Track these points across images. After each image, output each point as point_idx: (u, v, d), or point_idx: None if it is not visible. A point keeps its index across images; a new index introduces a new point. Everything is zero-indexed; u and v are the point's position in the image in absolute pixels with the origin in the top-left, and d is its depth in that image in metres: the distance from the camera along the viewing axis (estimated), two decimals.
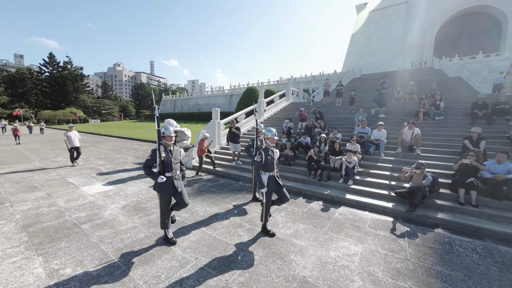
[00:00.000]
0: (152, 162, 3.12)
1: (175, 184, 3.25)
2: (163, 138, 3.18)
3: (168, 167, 3.18)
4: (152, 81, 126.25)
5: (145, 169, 3.13)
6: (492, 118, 7.65)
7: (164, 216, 3.34)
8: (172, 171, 3.21)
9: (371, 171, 6.26)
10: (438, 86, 15.39)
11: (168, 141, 3.23)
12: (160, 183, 3.11)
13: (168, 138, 3.22)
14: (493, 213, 4.22)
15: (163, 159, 3.10)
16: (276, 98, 15.58)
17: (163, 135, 3.16)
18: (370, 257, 3.18)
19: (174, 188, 3.25)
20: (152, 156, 3.12)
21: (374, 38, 52.41)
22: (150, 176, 3.14)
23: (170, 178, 3.20)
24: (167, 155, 3.18)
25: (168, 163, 3.17)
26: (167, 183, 3.17)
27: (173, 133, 3.26)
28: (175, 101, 49.85)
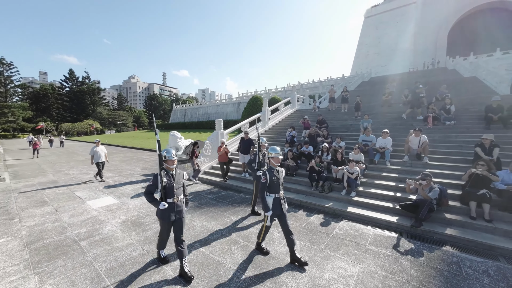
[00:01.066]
0: (153, 187, 3.03)
1: (176, 210, 3.09)
2: (165, 162, 3.05)
3: (170, 193, 3.04)
4: (164, 91, 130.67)
5: (147, 195, 3.01)
6: (508, 122, 7.17)
7: (162, 241, 3.28)
8: (174, 197, 3.05)
9: (375, 182, 6.01)
10: (452, 87, 14.78)
11: (170, 165, 3.09)
12: (161, 209, 2.97)
13: (170, 162, 3.08)
14: (508, 229, 3.88)
15: (165, 184, 2.97)
16: (280, 105, 15.56)
17: (164, 159, 3.04)
18: (367, 279, 2.99)
19: (175, 215, 3.09)
20: (153, 181, 3.02)
21: (383, 40, 51.54)
22: (151, 203, 3.01)
23: (172, 204, 3.05)
24: (169, 180, 3.03)
25: (170, 188, 3.03)
26: (168, 209, 3.02)
27: (175, 156, 3.14)
28: (185, 110, 51.18)
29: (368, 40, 54.06)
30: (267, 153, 3.65)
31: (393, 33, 50.36)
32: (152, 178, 3.05)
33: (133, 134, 44.17)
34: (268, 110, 13.33)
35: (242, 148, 8.24)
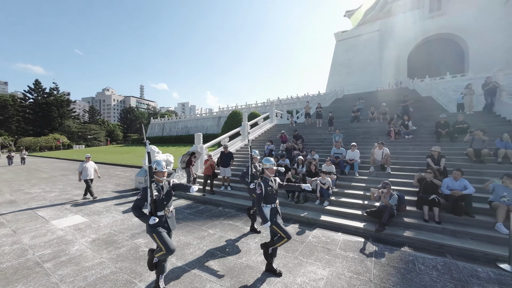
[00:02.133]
0: (142, 202, 2.86)
1: (168, 223, 3.00)
2: (155, 174, 2.96)
3: (160, 205, 2.94)
4: (141, 104, 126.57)
5: (135, 210, 2.83)
6: (454, 136, 8.29)
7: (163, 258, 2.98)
8: (164, 209, 2.97)
9: (345, 191, 6.48)
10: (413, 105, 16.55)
11: (160, 177, 3.01)
12: (151, 224, 2.82)
13: (160, 174, 3.01)
14: (454, 229, 4.46)
15: (155, 197, 2.85)
16: (260, 120, 16.09)
17: (154, 171, 2.95)
18: (335, 281, 3.24)
19: (167, 227, 2.99)
20: (142, 195, 2.87)
21: (353, 62, 56.40)
22: (140, 218, 2.84)
23: (163, 217, 2.95)
24: (159, 193, 2.93)
25: (160, 201, 2.93)
26: (159, 223, 2.88)
27: (165, 168, 3.07)
28: (163, 124, 49.91)
29: (340, 61, 58.78)
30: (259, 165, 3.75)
31: (361, 56, 55.50)
32: (140, 192, 2.90)
33: (106, 149, 41.61)
34: (247, 125, 13.71)
35: (223, 161, 8.36)
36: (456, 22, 41.15)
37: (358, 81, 53.74)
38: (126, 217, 6.10)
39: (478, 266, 3.56)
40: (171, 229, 3.04)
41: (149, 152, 2.91)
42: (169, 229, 3.01)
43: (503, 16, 36.53)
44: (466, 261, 3.71)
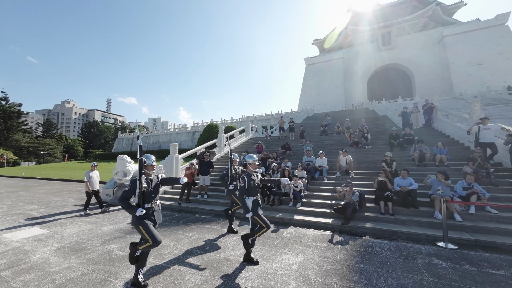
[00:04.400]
0: (130, 193, 2.92)
1: (155, 215, 3.07)
2: (145, 167, 3.06)
3: (148, 198, 3.02)
4: (107, 119, 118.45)
5: (122, 201, 2.87)
6: (403, 145, 9.69)
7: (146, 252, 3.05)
8: (152, 202, 3.05)
9: (315, 194, 7.06)
10: (372, 123, 18.65)
11: (150, 170, 3.12)
12: (138, 216, 2.88)
13: (149, 167, 3.11)
14: (404, 219, 5.22)
15: (144, 189, 2.94)
16: (236, 133, 16.51)
17: (145, 164, 3.05)
18: (306, 264, 3.58)
19: (153, 220, 3.05)
20: (131, 187, 2.93)
21: (322, 84, 61.62)
22: (127, 209, 2.89)
23: (150, 209, 3.03)
24: (148, 186, 3.03)
25: (148, 194, 3.01)
26: (146, 215, 2.96)
27: (154, 162, 3.18)
28: (132, 139, 47.20)
29: (310, 83, 63.74)
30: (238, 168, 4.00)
31: (328, 79, 61.07)
32: (129, 184, 2.96)
33: (63, 166, 37.41)
34: (224, 137, 14.00)
35: (202, 169, 8.43)
36: (403, 55, 48.38)
37: (326, 102, 58.45)
38: (95, 227, 5.75)
39: (421, 246, 4.25)
40: (157, 222, 3.10)
41: (140, 146, 2.95)
42: (155, 222, 3.07)
43: (438, 53, 44.26)
44: (413, 243, 4.40)
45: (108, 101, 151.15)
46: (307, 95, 62.74)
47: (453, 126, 10.39)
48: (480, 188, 5.22)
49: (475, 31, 41.16)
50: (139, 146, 2.95)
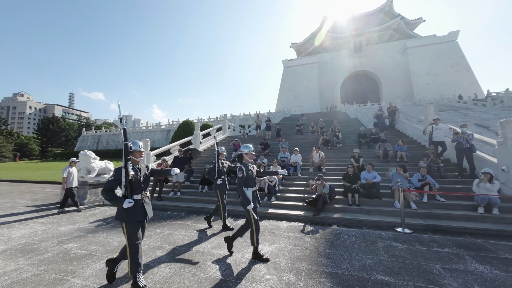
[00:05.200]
0: (115, 183, 2.58)
1: (145, 208, 2.72)
2: (131, 154, 2.73)
3: (137, 188, 2.67)
4: (70, 115, 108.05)
5: (106, 193, 2.54)
6: (370, 144, 10.46)
7: (135, 253, 2.57)
8: (141, 193, 2.71)
9: (290, 188, 7.27)
10: (344, 124, 19.72)
11: (137, 158, 2.78)
12: (126, 208, 2.54)
13: (137, 154, 2.78)
14: (369, 209, 5.64)
15: (131, 178, 2.60)
16: (212, 131, 16.25)
17: (130, 150, 2.72)
18: (278, 252, 3.67)
19: (144, 213, 2.69)
20: (115, 176, 2.58)
21: (298, 87, 63.60)
22: (112, 201, 2.57)
23: (139, 201, 2.67)
24: (136, 174, 2.69)
25: (137, 183, 2.67)
26: (135, 207, 2.60)
27: (142, 148, 2.86)
28: (99, 137, 43.73)
29: (287, 85, 65.34)
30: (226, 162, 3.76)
31: (304, 82, 63.25)
32: (113, 173, 2.62)
33: (13, 166, 33.15)
34: (199, 134, 13.68)
35: (176, 166, 8.11)
36: (372, 63, 52.12)
37: (302, 104, 60.44)
38: (50, 227, 5.21)
39: (382, 231, 4.63)
40: (148, 215, 2.75)
41: (124, 129, 2.63)
42: (145, 216, 2.71)
43: (402, 62, 48.53)
44: (375, 229, 4.77)
45: (71, 95, 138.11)
46: (285, 97, 64.20)
47: (412, 127, 11.49)
48: (432, 180, 5.87)
49: (432, 45, 46.05)
50: (123, 130, 2.62)
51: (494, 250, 3.68)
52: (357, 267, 3.14)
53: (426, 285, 2.69)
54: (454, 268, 3.09)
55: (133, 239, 2.58)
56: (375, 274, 2.96)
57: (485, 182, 5.15)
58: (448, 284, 2.70)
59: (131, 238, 2.57)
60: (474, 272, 2.98)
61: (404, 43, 48.57)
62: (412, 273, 2.96)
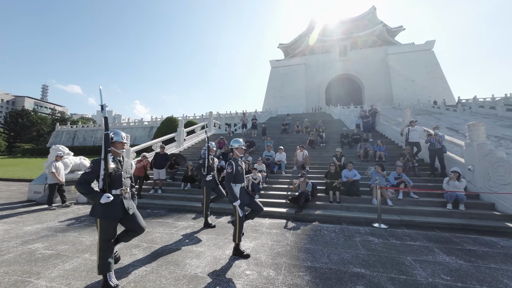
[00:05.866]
0: (92, 176, 2.38)
1: (124, 204, 2.51)
2: (112, 145, 2.52)
3: (117, 183, 2.47)
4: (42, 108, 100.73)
5: (82, 186, 2.33)
6: (352, 144, 10.82)
7: (105, 252, 2.38)
8: (121, 188, 2.50)
9: (273, 186, 7.32)
10: (328, 124, 20.24)
11: (119, 149, 2.59)
12: (103, 204, 2.33)
13: (119, 145, 2.59)
14: (348, 205, 5.82)
15: (111, 171, 2.39)
16: (197, 128, 15.93)
17: (111, 141, 2.51)
18: (259, 248, 3.67)
19: (123, 210, 2.50)
20: (93, 168, 2.38)
21: (285, 87, 64.29)
22: (88, 195, 2.33)
23: (119, 196, 2.48)
24: (117, 167, 2.50)
25: (117, 177, 2.47)
26: (113, 203, 2.40)
27: (125, 139, 2.67)
28: (75, 132, 41.27)
29: (274, 85, 65.80)
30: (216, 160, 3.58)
31: (291, 83, 64.06)
32: (90, 165, 2.41)
33: None
34: (183, 131, 13.35)
35: (157, 163, 7.82)
36: (356, 67, 54.00)
37: (288, 104, 61.21)
38: (14, 227, 4.80)
39: (360, 227, 4.80)
40: (130, 212, 2.54)
41: (106, 117, 2.45)
42: (125, 212, 2.52)
43: (383, 68, 50.80)
44: (354, 225, 4.93)
45: (44, 87, 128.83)
46: (272, 97, 64.61)
47: (390, 129, 12.06)
48: (407, 178, 6.19)
49: (410, 53, 48.68)
50: (104, 118, 2.44)
51: (459, 243, 3.96)
52: (335, 261, 3.22)
53: (399, 276, 2.82)
54: (424, 260, 3.27)
55: (106, 237, 2.42)
56: (352, 267, 3.05)
57: (454, 180, 5.53)
58: (418, 274, 2.85)
59: (104, 236, 2.40)
60: (441, 263, 3.18)
61: (385, 49, 50.87)
62: (386, 265, 3.09)
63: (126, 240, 2.76)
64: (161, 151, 8.05)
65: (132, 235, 2.71)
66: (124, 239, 2.73)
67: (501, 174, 5.29)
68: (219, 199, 5.16)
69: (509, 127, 15.04)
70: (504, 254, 3.51)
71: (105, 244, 2.41)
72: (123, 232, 2.70)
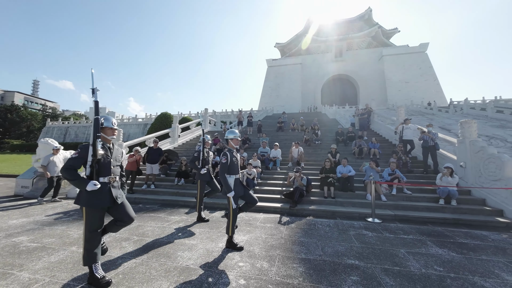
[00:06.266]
0: (78, 162, 2.26)
1: (113, 193, 2.40)
2: (102, 131, 2.40)
3: (105, 170, 2.36)
4: (33, 104, 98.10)
5: (67, 171, 2.20)
6: (347, 141, 10.88)
7: (91, 243, 2.28)
8: (110, 175, 2.40)
9: (268, 182, 7.27)
10: (323, 124, 20.37)
11: (109, 135, 2.47)
12: (89, 192, 2.23)
13: (109, 131, 2.46)
14: (343, 201, 5.83)
15: (100, 157, 2.28)
16: (192, 125, 15.76)
17: (101, 126, 2.39)
18: (253, 241, 3.61)
19: (111, 198, 2.38)
20: (80, 154, 2.26)
21: (281, 87, 64.35)
22: (73, 181, 2.21)
23: (107, 185, 2.36)
24: (106, 153, 2.38)
25: (106, 164, 2.36)
26: (101, 192, 2.29)
27: (115, 125, 2.53)
28: (66, 128, 40.39)
29: (270, 85, 65.78)
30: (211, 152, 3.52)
31: (287, 82, 64.17)
32: (78, 150, 2.28)
33: None
34: (178, 127, 13.16)
35: (150, 158, 7.67)
36: (351, 68, 54.47)
37: (284, 104, 61.29)
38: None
39: (354, 221, 4.80)
40: (117, 201, 2.43)
41: (96, 101, 2.30)
42: (113, 201, 2.40)
43: (378, 69, 51.39)
44: (348, 220, 4.93)
45: (35, 82, 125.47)
46: (268, 96, 64.58)
47: (385, 127, 12.17)
48: (400, 174, 6.23)
49: (404, 54, 49.39)
50: (95, 102, 2.30)
51: (451, 236, 3.99)
52: (330, 253, 3.19)
53: (392, 267, 2.81)
54: (417, 252, 3.28)
55: (92, 227, 2.31)
56: (346, 259, 3.02)
57: (447, 176, 5.60)
58: (411, 266, 2.85)
59: (90, 226, 2.30)
60: (434, 255, 3.19)
61: (380, 50, 51.47)
62: (380, 257, 3.08)
63: (114, 230, 2.64)
64: (154, 145, 7.90)
65: (120, 225, 2.59)
66: (112, 229, 2.62)
67: (492, 170, 5.38)
68: (213, 193, 5.09)
69: (499, 127, 15.41)
70: (494, 246, 3.55)
71: (91, 234, 2.31)
72: (111, 222, 2.59)
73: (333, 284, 2.41)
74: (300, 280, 2.48)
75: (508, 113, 19.17)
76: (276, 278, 2.51)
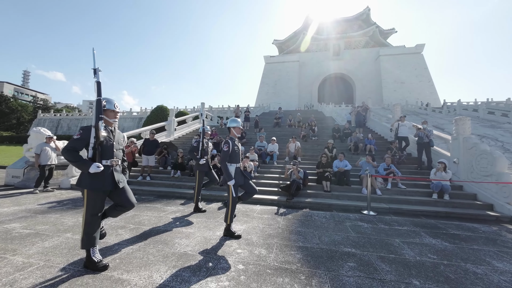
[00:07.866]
0: (81, 143, 2.20)
1: (115, 177, 2.34)
2: (105, 113, 2.33)
3: (108, 153, 2.30)
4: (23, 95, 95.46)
5: (69, 153, 2.15)
6: (343, 137, 10.98)
7: (91, 226, 2.24)
8: (113, 158, 2.33)
9: (265, 175, 7.30)
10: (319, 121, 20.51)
11: (111, 118, 2.39)
12: (91, 174, 2.17)
13: (111, 114, 2.38)
14: (338, 194, 5.90)
15: (103, 139, 2.23)
16: (188, 119, 15.62)
17: (104, 108, 2.31)
18: (250, 230, 3.63)
19: (113, 182, 2.32)
20: (82, 135, 2.19)
21: (278, 84, 64.25)
22: (76, 163, 2.16)
23: (109, 168, 2.30)
24: (108, 136, 2.33)
25: (108, 147, 2.30)
26: (103, 174, 2.23)
27: (117, 108, 2.46)
28: (58, 120, 39.51)
29: (267, 81, 65.58)
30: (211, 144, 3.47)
31: (285, 79, 64.09)
32: (80, 131, 2.21)
33: None
34: (174, 120, 13.04)
35: (146, 149, 7.57)
36: (348, 67, 54.72)
37: (281, 101, 61.25)
38: None
39: (350, 214, 4.87)
40: (119, 186, 2.37)
41: (99, 82, 2.26)
42: (115, 185, 2.34)
43: (375, 68, 51.79)
44: (344, 212, 4.99)
45: (26, 73, 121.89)
46: (265, 93, 64.44)
47: (380, 125, 12.33)
48: (395, 169, 6.34)
49: (400, 55, 49.85)
50: (97, 83, 2.26)
51: (444, 228, 4.10)
52: (326, 242, 3.23)
53: (388, 254, 2.86)
54: (411, 242, 3.35)
55: (93, 210, 2.26)
56: (342, 247, 3.07)
57: (441, 171, 5.71)
58: (406, 254, 2.91)
59: (91, 209, 2.25)
60: (428, 244, 3.26)
61: (377, 50, 51.81)
62: (375, 246, 3.13)
63: (114, 215, 2.60)
64: (151, 137, 7.80)
65: (120, 210, 2.55)
66: (112, 214, 2.57)
67: (483, 165, 5.52)
68: (211, 184, 5.07)
69: (490, 127, 15.81)
70: (485, 237, 3.66)
71: (92, 217, 2.26)
72: (111, 207, 2.54)
73: (331, 269, 2.44)
74: (298, 266, 2.51)
75: (499, 114, 19.66)
76: (274, 264, 2.53)
